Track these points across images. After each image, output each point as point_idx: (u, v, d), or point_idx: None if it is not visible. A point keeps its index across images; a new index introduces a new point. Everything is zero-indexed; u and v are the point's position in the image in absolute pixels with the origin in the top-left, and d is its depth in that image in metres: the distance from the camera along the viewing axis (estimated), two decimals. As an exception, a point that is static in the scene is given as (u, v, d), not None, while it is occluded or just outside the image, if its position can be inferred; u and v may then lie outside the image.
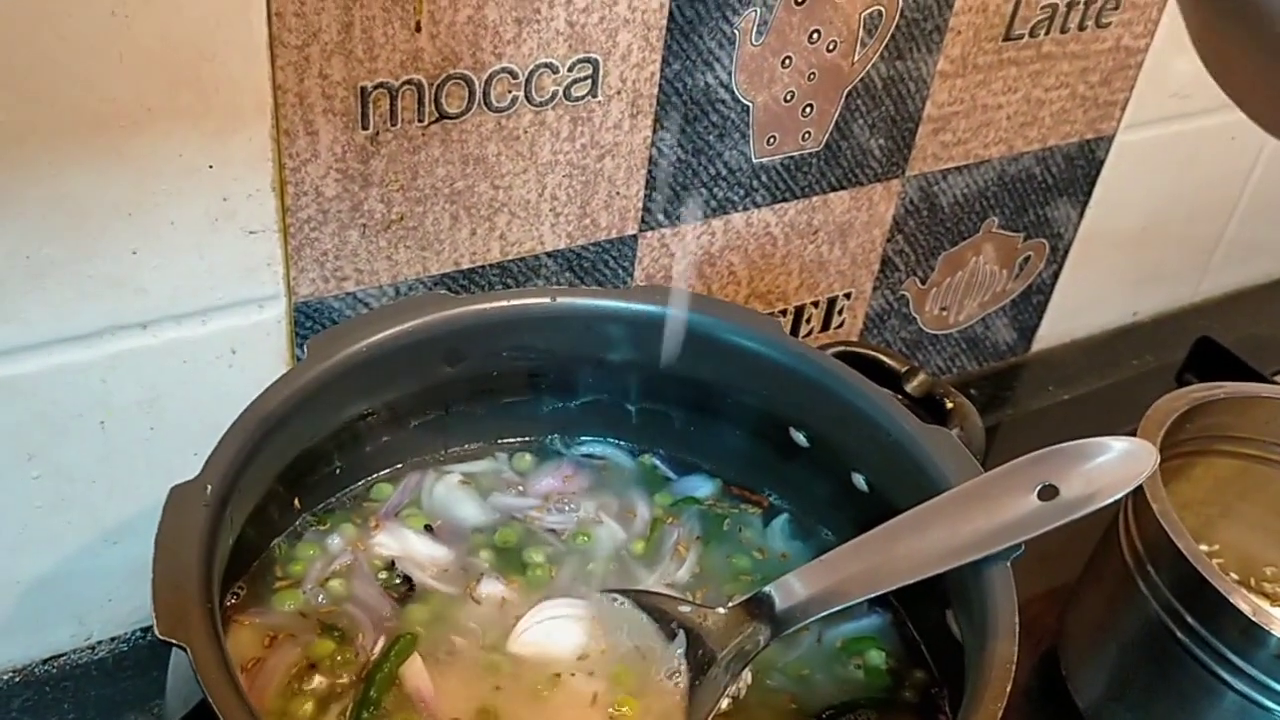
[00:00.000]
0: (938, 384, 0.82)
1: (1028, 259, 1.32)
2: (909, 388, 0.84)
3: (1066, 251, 1.34)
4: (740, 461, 0.88)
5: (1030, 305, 1.37)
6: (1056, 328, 1.41)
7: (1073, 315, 1.42)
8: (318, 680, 0.70)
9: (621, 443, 0.91)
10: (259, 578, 0.76)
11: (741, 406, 0.85)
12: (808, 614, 0.72)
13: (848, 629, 0.79)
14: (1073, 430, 0.73)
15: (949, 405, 0.80)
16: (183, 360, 0.84)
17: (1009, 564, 0.66)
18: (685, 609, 0.76)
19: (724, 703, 0.72)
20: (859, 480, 0.80)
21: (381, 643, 0.70)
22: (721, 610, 0.75)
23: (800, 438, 0.82)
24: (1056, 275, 1.36)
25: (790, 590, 0.74)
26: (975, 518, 0.68)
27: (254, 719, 0.53)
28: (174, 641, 0.55)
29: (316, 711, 0.69)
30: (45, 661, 0.91)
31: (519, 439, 0.90)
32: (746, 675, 0.73)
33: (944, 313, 1.29)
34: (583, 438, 0.91)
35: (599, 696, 0.72)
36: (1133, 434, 0.79)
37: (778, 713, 0.73)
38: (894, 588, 0.71)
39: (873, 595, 0.72)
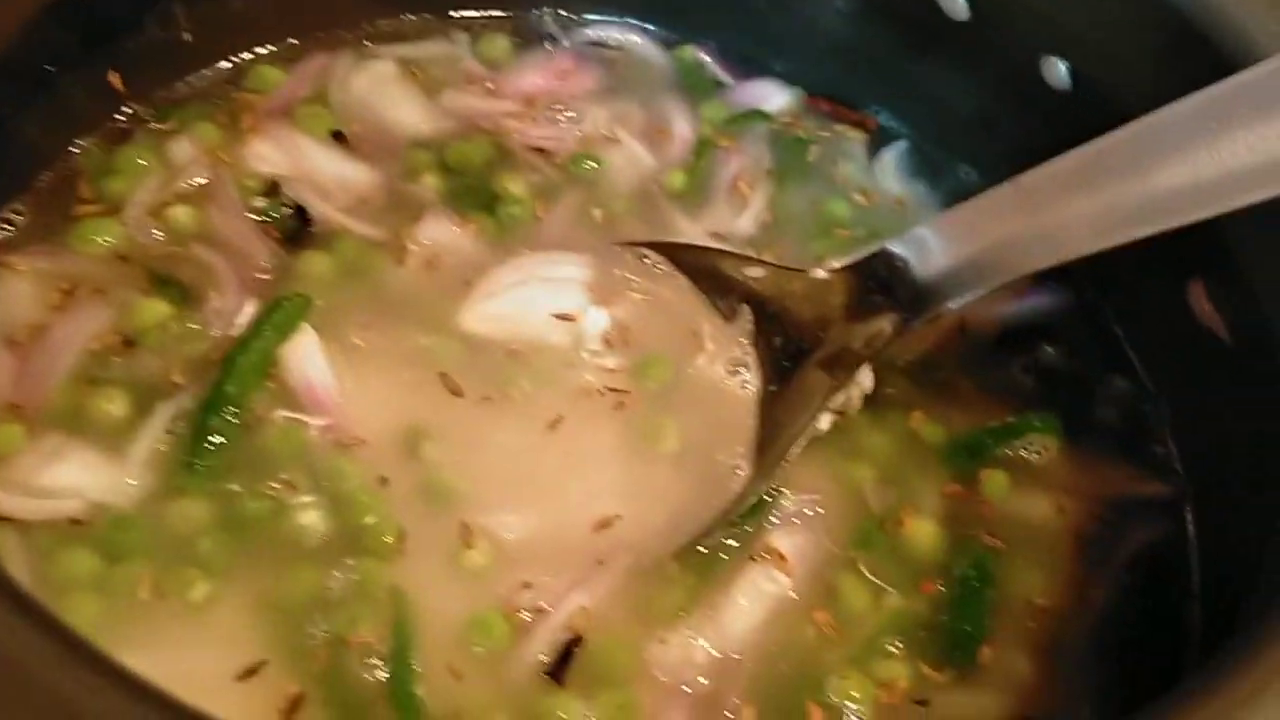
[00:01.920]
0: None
1: None
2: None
3: None
4: (837, 58, 0.59)
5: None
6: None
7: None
8: (138, 363, 0.43)
9: (650, 26, 0.61)
10: (51, 198, 0.49)
11: (855, -48, 0.52)
12: (961, 290, 0.45)
13: (1006, 311, 0.51)
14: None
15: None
16: None
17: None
18: (756, 271, 0.48)
19: (824, 421, 0.43)
20: (1055, 70, 0.48)
21: (251, 308, 0.45)
22: (819, 274, 0.46)
23: (957, 1, 0.50)
24: None
25: (928, 250, 0.46)
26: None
27: None
28: None
29: (132, 413, 0.42)
30: None
31: (490, 12, 0.59)
32: (864, 380, 0.44)
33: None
34: (590, 15, 0.60)
35: (617, 404, 0.44)
36: None
37: (902, 438, 0.47)
38: (1125, 240, 0.41)
39: (1081, 255, 0.42)
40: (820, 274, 0.47)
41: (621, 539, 0.42)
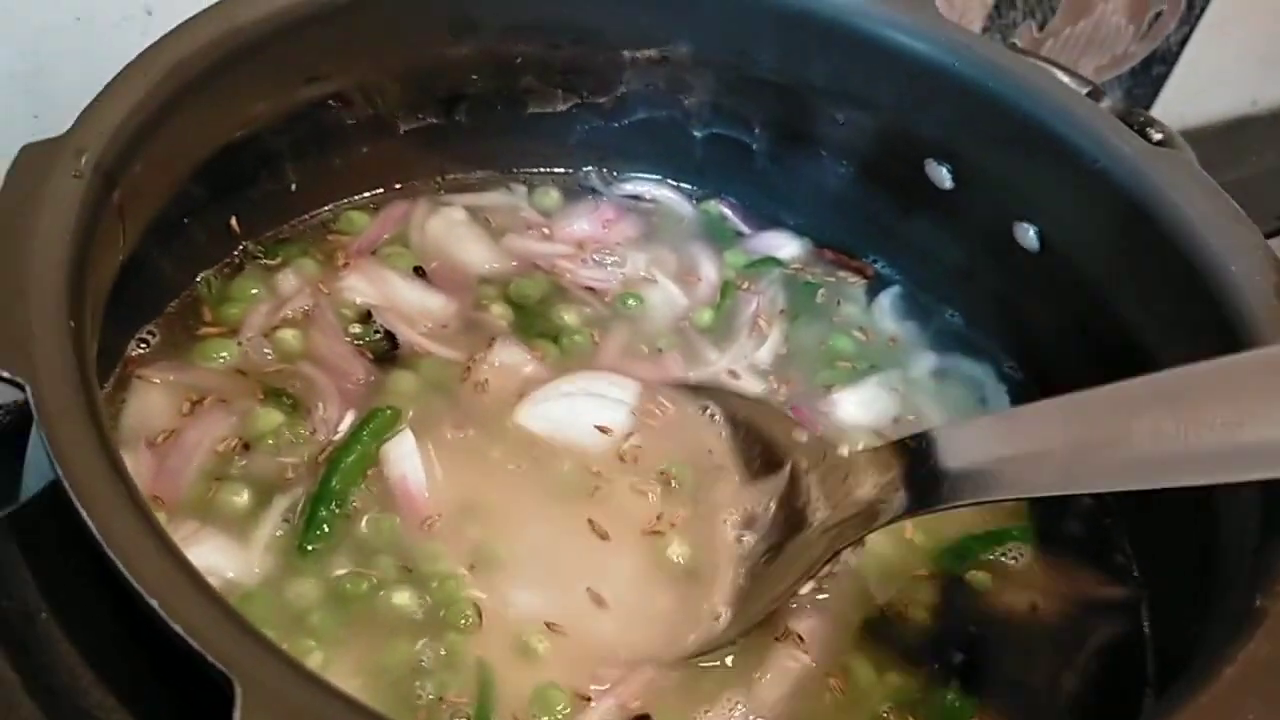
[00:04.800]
0: (1136, 111, 0.58)
1: (1159, 14, 1.08)
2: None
3: (1203, 10, 1.10)
4: (839, 214, 0.66)
5: (1150, 77, 1.13)
6: (1171, 110, 1.18)
7: (1191, 97, 1.19)
8: (257, 463, 0.50)
9: (680, 184, 0.69)
10: (179, 322, 0.55)
11: (856, 129, 0.62)
12: (975, 492, 0.47)
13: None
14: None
15: (1155, 139, 0.57)
16: (75, 18, 0.59)
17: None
18: (802, 436, 0.54)
19: (806, 588, 0.50)
20: (1025, 234, 0.57)
21: (351, 417, 0.52)
22: (858, 452, 0.53)
23: (942, 173, 0.59)
24: (1185, 40, 1.12)
25: (958, 449, 0.48)
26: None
27: (127, 495, 0.31)
28: (4, 374, 0.32)
29: (254, 505, 0.48)
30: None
31: (543, 169, 0.67)
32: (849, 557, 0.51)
33: (1057, 73, 1.05)
34: (628, 174, 0.68)
35: (639, 505, 0.52)
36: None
37: (900, 542, 0.54)
38: (1125, 488, 0.44)
39: (1088, 491, 0.50)
40: (855, 452, 0.52)
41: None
